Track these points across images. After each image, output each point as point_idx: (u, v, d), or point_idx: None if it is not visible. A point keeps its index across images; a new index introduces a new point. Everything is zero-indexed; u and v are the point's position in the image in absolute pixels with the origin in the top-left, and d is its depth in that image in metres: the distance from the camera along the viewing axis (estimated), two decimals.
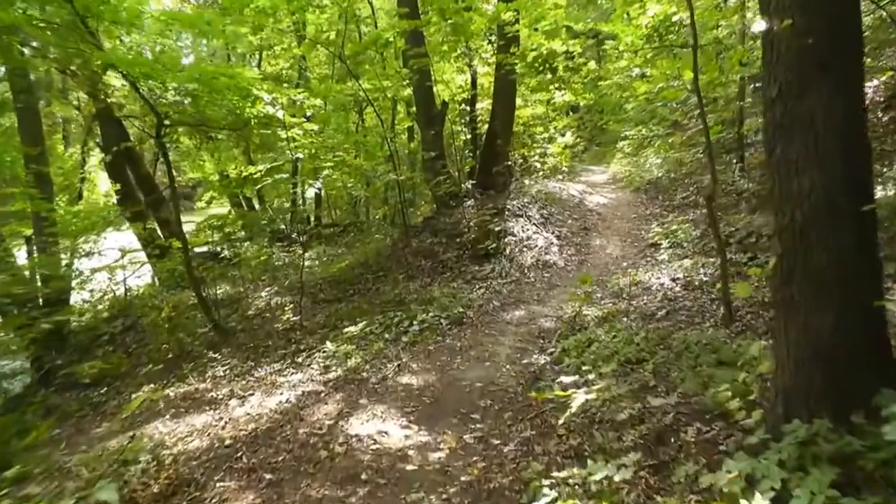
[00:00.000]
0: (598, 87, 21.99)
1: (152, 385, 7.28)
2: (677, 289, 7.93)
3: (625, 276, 8.82)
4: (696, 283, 7.88)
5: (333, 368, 6.44)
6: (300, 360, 6.99)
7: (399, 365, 6.29)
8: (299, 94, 8.66)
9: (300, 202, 17.97)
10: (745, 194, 10.28)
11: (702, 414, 4.31)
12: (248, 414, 5.55)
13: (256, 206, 18.84)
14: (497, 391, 5.49)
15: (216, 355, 7.89)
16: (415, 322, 7.55)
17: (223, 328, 8.92)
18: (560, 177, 15.14)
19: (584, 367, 5.60)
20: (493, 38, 13.41)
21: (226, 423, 5.41)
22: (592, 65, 11.47)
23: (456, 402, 5.34)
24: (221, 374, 7.10)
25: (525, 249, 10.25)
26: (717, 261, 8.45)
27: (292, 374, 6.58)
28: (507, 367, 6.08)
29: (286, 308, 9.97)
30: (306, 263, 14.57)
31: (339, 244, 15.41)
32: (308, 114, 9.85)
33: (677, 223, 10.27)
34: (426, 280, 9.79)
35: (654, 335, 6.08)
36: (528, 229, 10.87)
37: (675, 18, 15.14)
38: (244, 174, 11.23)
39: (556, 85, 15.62)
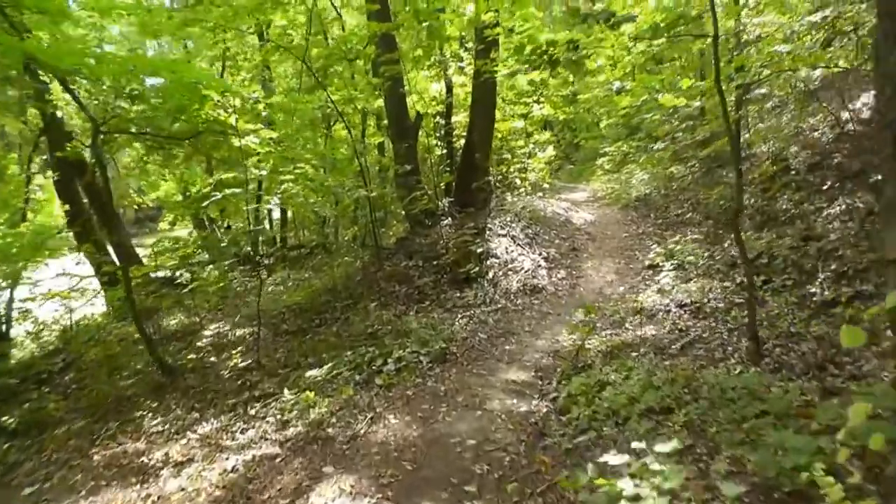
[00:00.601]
0: (577, 101, 21.41)
1: (77, 441, 6.08)
2: (686, 317, 7.01)
3: (625, 302, 7.90)
4: (708, 311, 6.98)
5: (293, 422, 5.29)
6: (254, 411, 5.78)
7: (372, 417, 5.19)
8: (253, 92, 7.60)
9: (264, 222, 16.83)
10: (749, 210, 9.44)
11: (768, 492, 3.34)
12: (183, 489, 4.40)
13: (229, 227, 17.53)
14: (494, 451, 4.46)
15: (157, 403, 6.69)
16: (390, 360, 6.48)
17: (170, 368, 7.73)
18: (540, 193, 14.22)
19: (597, 419, 4.64)
20: (470, 45, 12.55)
21: (153, 503, 4.29)
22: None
23: (444, 468, 4.29)
24: (160, 429, 5.88)
25: (510, 273, 9.27)
26: (728, 285, 7.57)
27: (243, 430, 5.41)
28: (503, 417, 5.06)
29: (244, 342, 8.85)
30: (269, 289, 13.43)
31: (305, 267, 14.30)
32: (263, 113, 8.71)
33: (677, 242, 9.40)
34: (401, 308, 8.74)
35: (674, 375, 5.13)
36: (512, 250, 9.90)
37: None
38: (203, 191, 10.10)
39: (541, 93, 14.83)
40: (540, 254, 9.98)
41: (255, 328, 8.79)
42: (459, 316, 7.95)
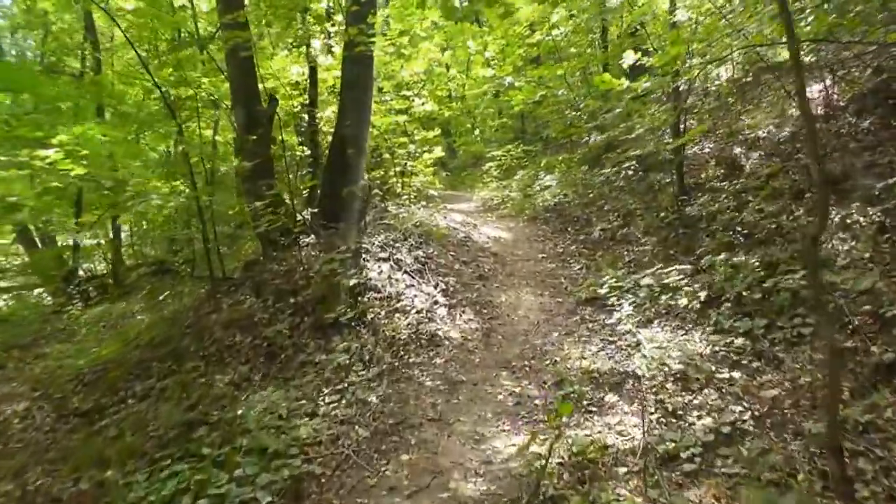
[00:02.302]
0: (464, 97, 19.27)
1: None
2: (672, 387, 4.66)
3: (567, 360, 5.45)
4: (701, 378, 4.64)
5: None
6: None
7: None
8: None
9: (85, 236, 13.27)
10: (702, 223, 7.33)
11: None
12: None
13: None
14: None
15: None
16: (202, 500, 3.63)
17: None
18: (424, 203, 11.51)
19: None
20: (340, 18, 9.82)
21: None
22: None
23: None
24: None
25: (396, 314, 6.54)
26: (716, 336, 5.29)
27: None
28: None
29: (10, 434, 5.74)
30: (83, 331, 10.04)
31: (138, 298, 10.97)
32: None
33: (615, 267, 7.14)
34: (242, 372, 5.86)
35: None
36: (398, 280, 7.19)
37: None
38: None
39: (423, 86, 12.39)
40: (436, 285, 7.32)
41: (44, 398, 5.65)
42: (325, 390, 5.16)
